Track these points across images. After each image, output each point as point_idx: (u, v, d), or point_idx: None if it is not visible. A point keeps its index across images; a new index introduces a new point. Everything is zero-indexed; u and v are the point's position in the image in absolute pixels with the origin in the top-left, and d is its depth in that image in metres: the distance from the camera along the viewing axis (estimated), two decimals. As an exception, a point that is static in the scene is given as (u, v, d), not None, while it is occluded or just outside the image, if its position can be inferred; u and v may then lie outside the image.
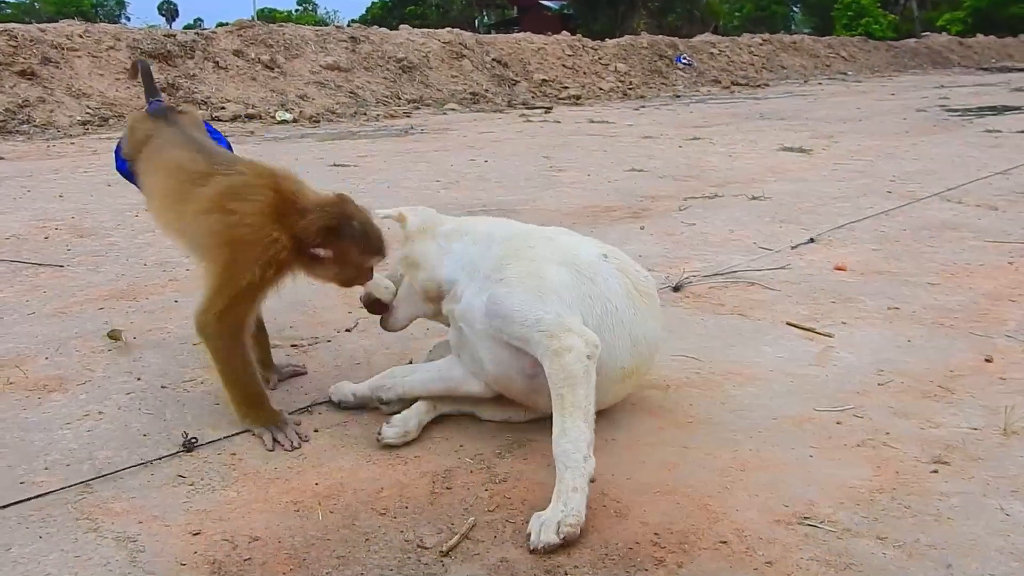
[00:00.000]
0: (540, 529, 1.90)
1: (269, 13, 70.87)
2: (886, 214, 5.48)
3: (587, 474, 2.00)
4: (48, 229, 5.25)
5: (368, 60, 17.12)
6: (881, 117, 13.12)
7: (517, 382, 2.36)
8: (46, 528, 1.99)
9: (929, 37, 39.16)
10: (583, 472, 2.00)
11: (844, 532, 1.93)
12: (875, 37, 37.98)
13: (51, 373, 2.95)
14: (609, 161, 8.39)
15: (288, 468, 2.28)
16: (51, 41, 12.95)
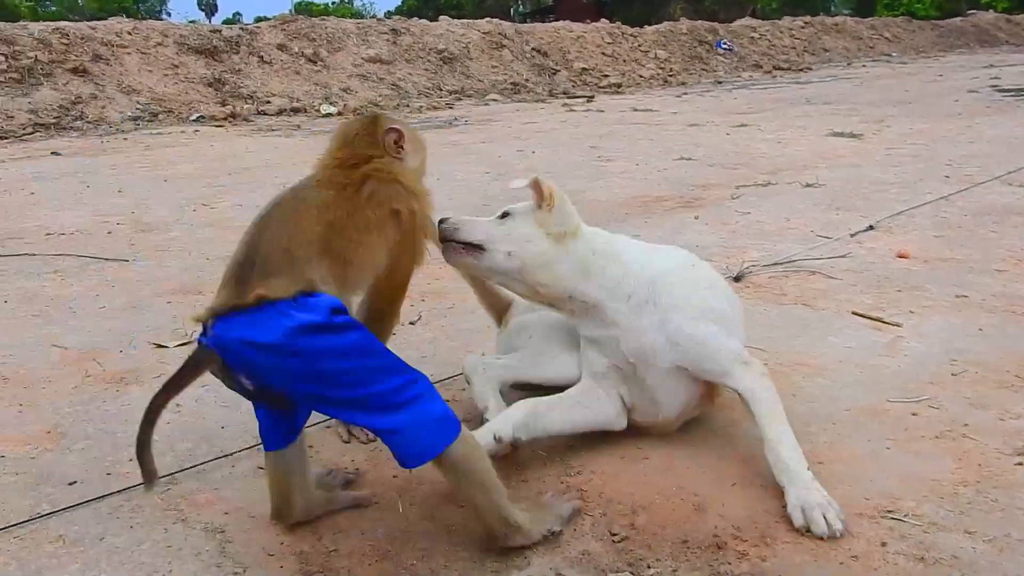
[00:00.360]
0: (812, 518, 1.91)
1: (307, 6, 71.27)
2: (946, 199, 5.40)
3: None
4: (111, 224, 5.35)
5: (409, 52, 17.19)
6: (931, 99, 12.91)
7: (684, 413, 2.35)
8: (135, 518, 2.04)
9: (975, 15, 38.38)
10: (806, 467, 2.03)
11: (931, 526, 1.91)
12: (918, 17, 37.30)
13: (127, 366, 3.01)
14: (656, 150, 8.35)
15: (365, 461, 2.31)
16: (101, 38, 13.16)
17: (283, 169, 7.65)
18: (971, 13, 39.22)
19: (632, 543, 1.90)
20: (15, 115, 11.00)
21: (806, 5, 46.76)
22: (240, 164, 8.05)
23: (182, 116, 12.30)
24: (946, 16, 38.45)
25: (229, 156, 8.69)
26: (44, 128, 10.89)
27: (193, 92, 13.19)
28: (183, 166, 7.96)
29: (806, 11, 36.30)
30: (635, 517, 2.00)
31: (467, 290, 3.79)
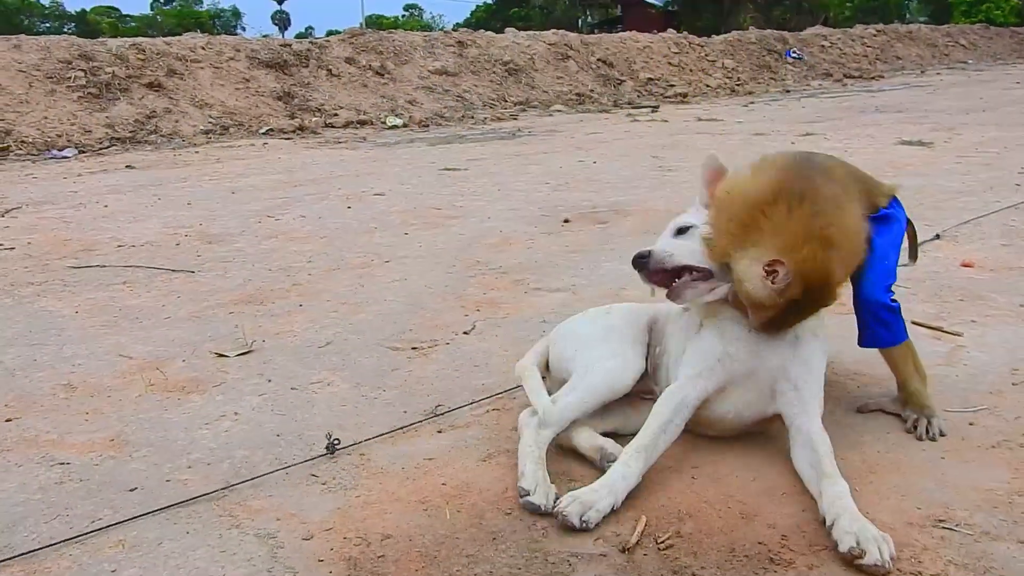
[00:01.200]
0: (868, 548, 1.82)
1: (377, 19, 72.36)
2: (1015, 208, 5.26)
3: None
4: (179, 236, 5.50)
5: (475, 64, 17.31)
6: (1007, 107, 12.59)
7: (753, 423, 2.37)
8: (192, 524, 2.10)
9: (1057, 21, 37.34)
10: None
11: (982, 535, 1.89)
12: (997, 23, 36.35)
13: (188, 375, 3.09)
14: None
15: (415, 468, 2.34)
16: (176, 54, 13.52)
17: (347, 180, 7.79)
18: (1053, 19, 38.17)
19: (678, 551, 1.91)
20: (92, 129, 11.36)
21: (880, 13, 45.90)
22: (306, 176, 8.20)
23: (252, 129, 12.56)
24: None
25: (295, 168, 8.86)
26: (120, 142, 11.23)
27: (263, 105, 13.47)
28: (250, 179, 8.14)
29: (880, 19, 35.59)
30: (681, 525, 2.00)
31: (520, 300, 3.85)
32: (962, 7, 41.71)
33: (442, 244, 5.06)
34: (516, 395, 2.79)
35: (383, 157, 9.68)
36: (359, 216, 6.00)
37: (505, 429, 2.56)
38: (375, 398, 2.84)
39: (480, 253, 4.79)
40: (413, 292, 4.07)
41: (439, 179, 7.69)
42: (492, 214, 5.91)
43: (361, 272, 4.47)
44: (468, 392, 2.85)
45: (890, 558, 1.80)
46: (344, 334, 3.50)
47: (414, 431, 2.58)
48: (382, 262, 4.66)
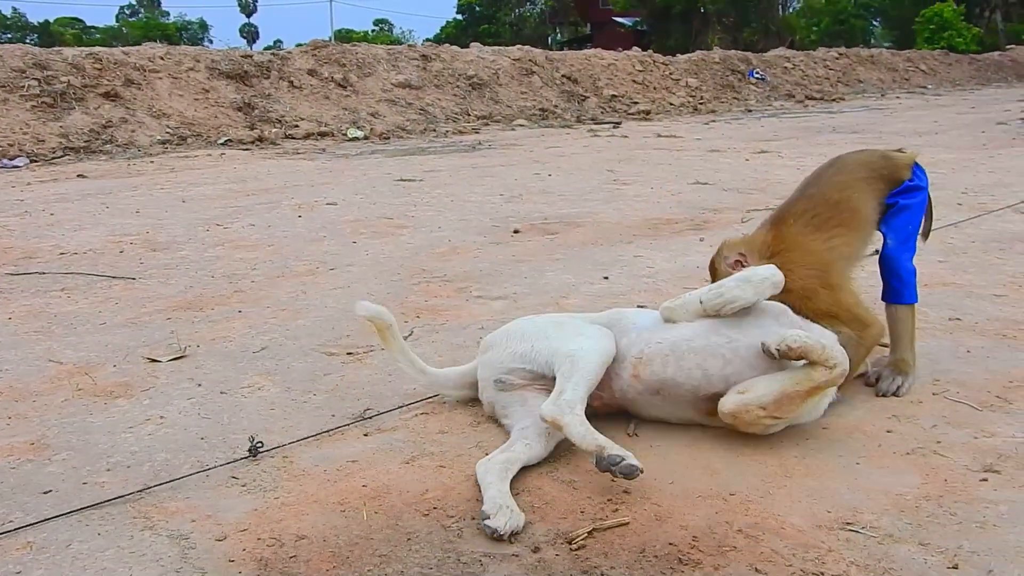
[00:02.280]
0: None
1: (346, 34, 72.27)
2: (955, 226, 5.36)
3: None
4: (123, 243, 5.45)
5: (439, 78, 17.35)
6: (959, 130, 12.81)
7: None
8: (104, 526, 2.08)
9: (1014, 50, 38.05)
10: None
11: (886, 538, 1.91)
12: (957, 50, 37.00)
13: (118, 380, 3.06)
14: (674, 174, 8.36)
15: (337, 471, 2.33)
16: (134, 63, 13.41)
17: (301, 190, 7.76)
18: (1010, 48, 38.88)
19: (589, 551, 1.91)
20: (46, 139, 11.22)
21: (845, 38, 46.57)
22: (259, 186, 8.16)
23: (210, 140, 12.48)
24: (986, 50, 38.09)
25: (250, 178, 8.81)
26: (74, 152, 11.09)
27: (222, 116, 13.39)
28: (203, 188, 8.09)
29: (845, 43, 36.11)
30: (596, 526, 2.00)
31: (461, 307, 3.87)
32: (925, 34, 42.38)
33: (390, 253, 5.05)
34: (445, 399, 2.80)
35: (340, 168, 9.66)
36: (309, 225, 5.98)
37: (431, 432, 2.56)
38: (304, 402, 2.83)
39: (427, 262, 4.79)
40: (355, 299, 3.98)
41: (393, 190, 7.68)
42: (443, 224, 5.92)
43: (305, 280, 4.46)
44: (398, 396, 2.85)
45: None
46: (280, 339, 3.48)
47: (340, 434, 2.57)
48: (327, 270, 4.65)
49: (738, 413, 2.32)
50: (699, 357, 2.41)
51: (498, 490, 2.09)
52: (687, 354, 2.42)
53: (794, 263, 2.63)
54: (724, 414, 2.34)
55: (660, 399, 2.48)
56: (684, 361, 2.42)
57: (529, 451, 2.30)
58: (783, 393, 2.29)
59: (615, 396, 2.53)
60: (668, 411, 2.51)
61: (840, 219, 2.77)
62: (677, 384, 2.43)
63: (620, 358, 2.51)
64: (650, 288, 4.10)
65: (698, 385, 2.41)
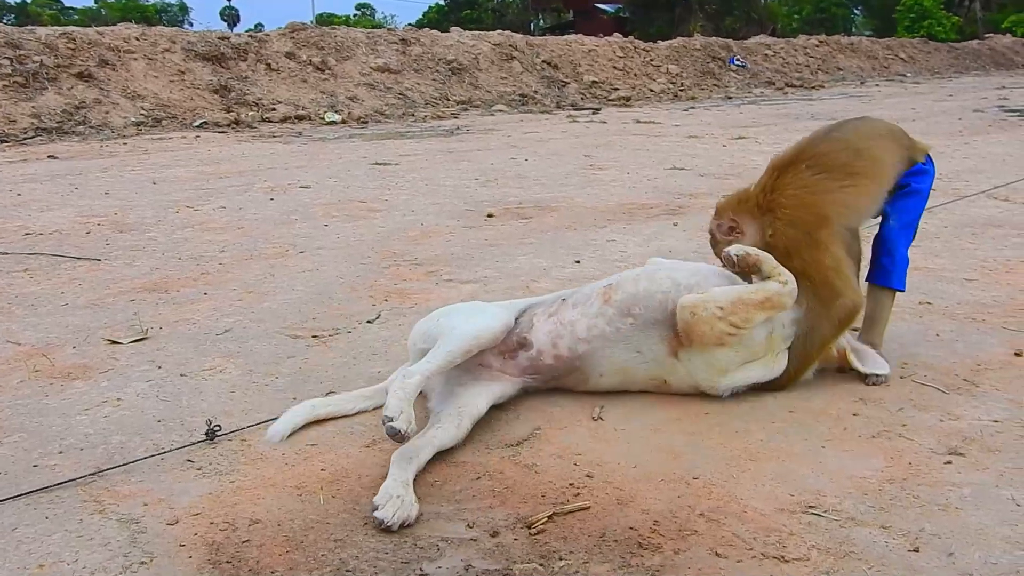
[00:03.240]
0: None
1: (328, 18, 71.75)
2: (929, 211, 5.32)
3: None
4: (91, 225, 5.36)
5: (418, 62, 17.22)
6: (936, 117, 12.85)
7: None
8: (53, 509, 2.03)
9: (992, 39, 38.25)
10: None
11: (848, 521, 1.89)
12: (937, 39, 37.15)
13: (76, 362, 3.00)
14: (651, 160, 8.33)
15: (296, 455, 2.29)
16: (108, 44, 13.23)
17: (274, 173, 7.68)
18: (988, 36, 39.07)
19: (549, 536, 1.88)
20: (17, 119, 11.05)
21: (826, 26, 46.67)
22: (233, 168, 8.07)
23: (185, 122, 12.35)
24: (965, 39, 38.26)
25: (223, 160, 8.72)
26: (46, 132, 10.94)
27: (198, 98, 13.24)
28: (175, 170, 7.99)
29: (826, 32, 36.19)
30: (556, 510, 1.98)
31: (430, 291, 3.82)
32: (906, 22, 42.57)
33: (361, 236, 5.00)
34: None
35: (315, 152, 9.57)
36: (281, 208, 5.91)
37: (393, 416, 2.52)
38: (266, 385, 2.79)
39: (398, 245, 4.74)
40: (323, 282, 4.01)
41: (368, 173, 7.61)
42: (416, 208, 5.87)
43: (274, 262, 4.40)
44: (363, 379, 2.80)
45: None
46: (245, 322, 3.43)
47: (301, 418, 2.53)
48: (297, 253, 4.59)
49: (696, 308, 2.40)
50: (669, 271, 2.58)
51: (394, 479, 2.06)
52: (659, 272, 2.58)
53: (786, 216, 2.57)
54: (683, 307, 2.42)
55: (631, 324, 2.49)
56: (657, 275, 2.56)
57: (442, 435, 2.27)
58: (739, 297, 2.40)
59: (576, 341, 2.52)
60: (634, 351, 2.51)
61: (858, 167, 2.64)
62: (650, 295, 2.50)
63: (584, 299, 2.59)
64: (622, 272, 4.07)
65: (668, 293, 2.49)
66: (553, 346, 2.53)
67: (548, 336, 2.54)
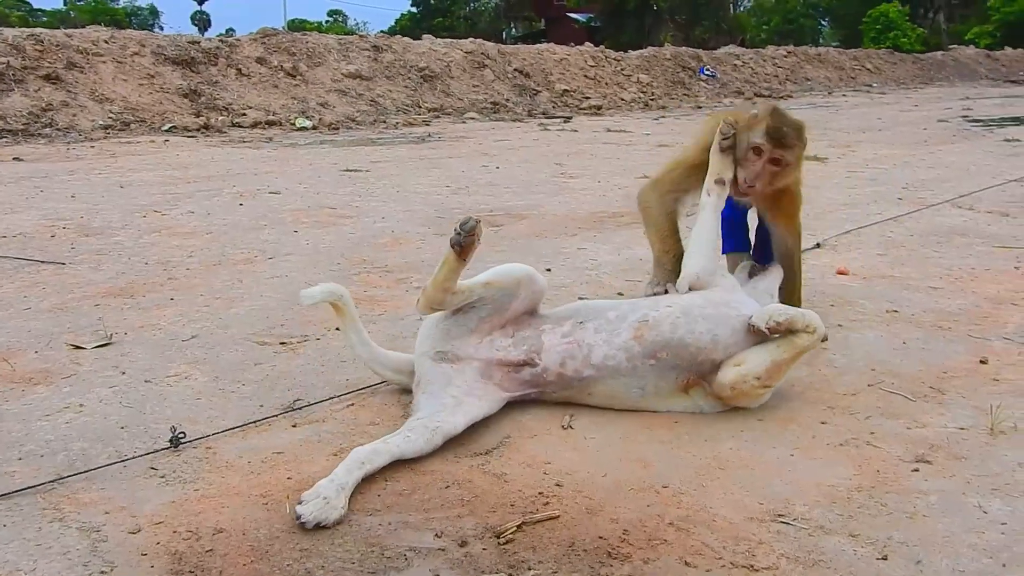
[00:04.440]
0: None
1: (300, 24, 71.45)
2: (895, 220, 5.42)
3: None
4: (56, 228, 5.29)
5: (390, 69, 17.20)
6: (901, 127, 13.01)
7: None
8: (11, 517, 1.98)
9: (956, 50, 38.84)
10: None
11: (817, 529, 1.89)
12: (902, 50, 37.68)
13: (38, 367, 2.95)
14: (622, 168, 8.36)
15: (262, 462, 2.26)
16: (76, 46, 13.10)
17: (244, 178, 7.62)
18: (952, 48, 39.67)
19: (518, 545, 1.87)
20: (-18, 121, 10.92)
21: (794, 37, 47.19)
22: (201, 173, 8.00)
23: (154, 126, 12.24)
24: (930, 50, 38.82)
25: (192, 165, 8.64)
26: (12, 134, 10.80)
27: (168, 103, 13.13)
28: (143, 173, 7.90)
29: (795, 42, 36.59)
30: (525, 519, 1.96)
31: (399, 298, 3.80)
32: (871, 34, 43.16)
33: (330, 242, 4.96)
34: (377, 391, 2.74)
35: (286, 157, 9.52)
36: (250, 213, 5.87)
37: (362, 424, 2.50)
38: (232, 392, 2.75)
39: (368, 252, 4.71)
40: (292, 288, 3.96)
41: (339, 180, 7.58)
42: (387, 215, 5.84)
43: (242, 268, 4.36)
44: (330, 387, 2.78)
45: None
46: (212, 328, 3.39)
47: (267, 425, 2.50)
48: (265, 259, 4.55)
49: (736, 384, 2.42)
50: (711, 324, 2.48)
51: (331, 480, 2.04)
52: (699, 319, 2.48)
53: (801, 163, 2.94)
54: (723, 386, 2.43)
55: (651, 365, 2.47)
56: (696, 325, 2.47)
57: (407, 444, 2.24)
58: (774, 363, 2.41)
59: (587, 366, 2.49)
60: (639, 384, 2.49)
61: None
62: (684, 346, 2.46)
63: (610, 328, 2.51)
64: (592, 280, 4.06)
65: (703, 348, 2.46)
66: (561, 365, 2.50)
67: (559, 356, 2.50)
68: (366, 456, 2.15)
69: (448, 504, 2.04)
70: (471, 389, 2.46)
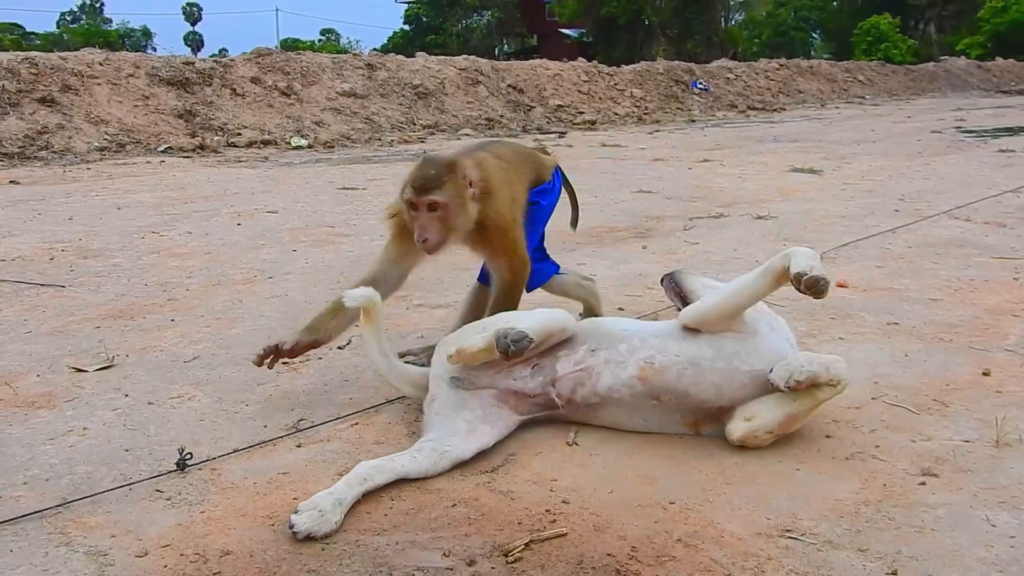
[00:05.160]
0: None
1: (293, 43, 71.64)
2: (892, 232, 5.43)
3: None
4: (54, 251, 5.29)
5: (384, 87, 17.23)
6: (895, 139, 13.06)
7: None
8: (18, 542, 1.98)
9: (948, 61, 39.03)
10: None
11: (825, 544, 1.89)
12: (894, 61, 37.86)
13: (40, 390, 2.95)
14: (617, 183, 8.38)
15: (268, 483, 2.26)
16: (71, 69, 13.11)
17: (241, 198, 7.63)
18: (944, 59, 39.85)
19: (526, 564, 1.86)
20: (-24, 144, 10.91)
21: (786, 50, 47.41)
22: (199, 193, 8.00)
23: (150, 147, 12.24)
24: (921, 61, 39.01)
25: (189, 185, 8.65)
26: (7, 158, 10.78)
27: (163, 123, 13.15)
28: (140, 195, 7.90)
29: (786, 54, 36.76)
30: (533, 537, 1.96)
31: (400, 316, 3.80)
32: (863, 46, 43.36)
33: (330, 261, 4.97)
34: (381, 410, 2.74)
35: (282, 176, 9.52)
36: (248, 233, 5.87)
37: (366, 443, 2.50)
38: (236, 413, 2.75)
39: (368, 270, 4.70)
40: (292, 307, 3.97)
41: (336, 198, 7.58)
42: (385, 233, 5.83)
43: (241, 288, 4.36)
44: (334, 407, 2.78)
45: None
46: (213, 349, 3.39)
47: (272, 446, 2.50)
48: (265, 278, 4.55)
49: (746, 439, 2.35)
50: (719, 377, 2.39)
51: (330, 493, 2.06)
52: (708, 373, 2.39)
53: (500, 193, 2.82)
54: (732, 437, 2.36)
55: (653, 405, 2.44)
56: (703, 378, 2.40)
57: (412, 464, 2.24)
58: (789, 415, 2.33)
59: (594, 394, 2.47)
60: (643, 417, 2.48)
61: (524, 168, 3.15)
62: (687, 396, 2.41)
63: (620, 360, 2.47)
64: (592, 295, 4.07)
65: (707, 400, 2.41)
66: (572, 391, 2.49)
67: (571, 382, 2.49)
68: (368, 472, 2.16)
69: (455, 523, 2.04)
70: (485, 416, 2.45)
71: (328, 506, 2.01)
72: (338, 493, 2.07)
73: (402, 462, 2.24)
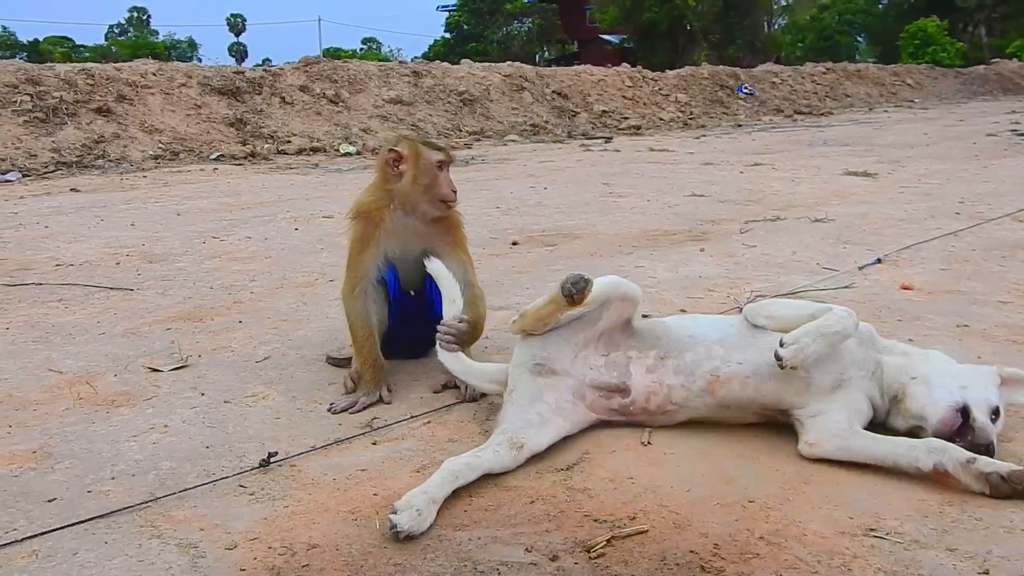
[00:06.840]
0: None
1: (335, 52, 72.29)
2: (955, 235, 5.37)
3: None
4: (120, 255, 5.40)
5: (430, 94, 17.35)
6: (949, 142, 12.88)
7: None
8: (111, 534, 2.03)
9: (999, 64, 38.37)
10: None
11: (912, 544, 1.88)
12: (942, 65, 37.32)
13: (119, 389, 3.02)
14: (669, 187, 8.36)
15: (347, 479, 2.29)
16: (126, 79, 13.37)
17: (296, 203, 7.73)
18: (995, 61, 39.18)
19: (609, 560, 1.88)
20: (38, 154, 11.15)
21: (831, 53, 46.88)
22: (254, 199, 8.12)
23: (202, 155, 12.43)
24: (970, 64, 38.40)
25: (244, 192, 8.78)
26: (66, 166, 11.03)
27: (215, 132, 13.35)
28: (198, 201, 8.04)
29: (830, 59, 36.38)
30: (615, 534, 1.97)
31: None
32: (909, 49, 42.77)
33: (388, 265, 5.01)
34: (453, 409, 2.77)
35: (334, 182, 9.63)
36: (306, 237, 5.95)
37: (440, 441, 2.53)
38: (310, 411, 2.79)
39: (425, 273, 4.74)
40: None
41: (389, 203, 7.64)
42: (440, 237, 5.88)
43: (304, 291, 4.42)
44: (405, 405, 2.81)
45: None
46: (283, 349, 3.44)
47: (348, 444, 2.53)
48: (326, 281, 4.61)
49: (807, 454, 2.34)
50: (779, 384, 2.42)
51: (424, 491, 2.08)
52: (768, 380, 2.43)
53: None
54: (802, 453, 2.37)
55: (724, 409, 2.50)
56: (764, 386, 2.44)
57: (495, 459, 2.28)
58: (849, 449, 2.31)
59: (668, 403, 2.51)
60: (716, 417, 2.53)
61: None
62: (752, 401, 2.47)
63: (689, 371, 2.50)
64: (654, 298, 4.06)
65: (770, 403, 2.46)
66: (647, 400, 2.52)
67: (645, 391, 2.52)
68: (459, 470, 2.18)
69: (534, 519, 2.06)
70: (560, 408, 2.48)
71: (423, 504, 2.04)
72: (432, 491, 2.09)
73: (487, 457, 2.26)
